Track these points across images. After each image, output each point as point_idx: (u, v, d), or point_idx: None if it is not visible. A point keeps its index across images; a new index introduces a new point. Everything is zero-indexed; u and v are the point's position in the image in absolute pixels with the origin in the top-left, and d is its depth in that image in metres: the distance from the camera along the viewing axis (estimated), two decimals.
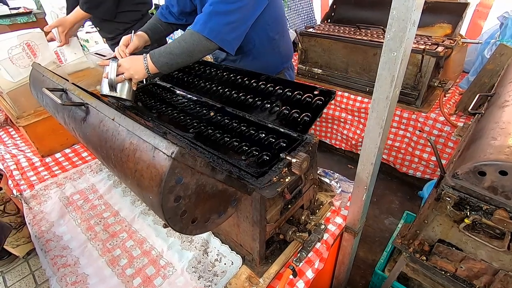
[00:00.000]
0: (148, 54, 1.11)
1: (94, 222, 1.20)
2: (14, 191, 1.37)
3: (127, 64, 1.10)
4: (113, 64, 1.07)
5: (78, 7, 1.81)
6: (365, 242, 2.00)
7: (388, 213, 2.22)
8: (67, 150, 1.63)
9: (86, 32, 3.67)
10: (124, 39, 1.24)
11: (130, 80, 1.13)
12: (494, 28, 2.03)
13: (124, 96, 1.12)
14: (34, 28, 1.69)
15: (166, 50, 1.11)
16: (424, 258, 0.99)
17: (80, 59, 1.94)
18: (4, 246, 1.91)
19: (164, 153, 0.53)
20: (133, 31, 1.28)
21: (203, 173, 0.58)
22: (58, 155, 1.61)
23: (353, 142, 2.42)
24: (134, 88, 1.15)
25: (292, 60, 1.60)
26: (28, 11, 3.77)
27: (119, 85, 1.11)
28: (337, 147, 2.62)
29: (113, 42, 2.11)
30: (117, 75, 1.08)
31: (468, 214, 0.81)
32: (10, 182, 1.43)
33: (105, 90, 1.12)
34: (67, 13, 2.04)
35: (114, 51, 2.18)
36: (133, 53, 1.25)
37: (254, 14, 1.19)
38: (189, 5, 1.38)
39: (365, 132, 0.81)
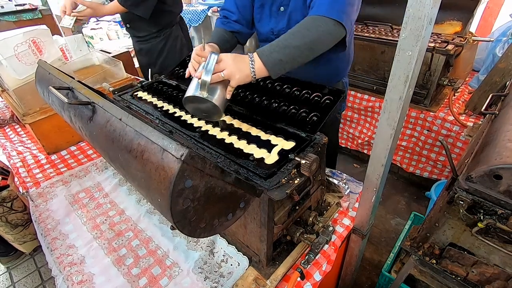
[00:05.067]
0: (254, 52, 0.90)
1: (99, 221, 1.20)
2: (20, 189, 1.38)
3: (229, 60, 0.87)
4: (213, 57, 0.85)
5: (116, 1, 1.75)
6: (371, 243, 1.98)
7: (394, 213, 2.20)
8: (73, 148, 1.63)
9: (91, 29, 3.67)
10: (197, 49, 1.03)
11: (224, 84, 0.90)
12: (506, 25, 1.98)
13: (213, 101, 0.89)
14: (40, 24, 1.69)
15: (279, 44, 0.89)
16: (434, 261, 0.97)
17: (85, 56, 1.94)
18: (11, 243, 1.93)
19: (173, 155, 0.52)
20: (203, 39, 1.10)
21: (212, 176, 0.57)
22: (63, 152, 1.61)
23: (360, 141, 2.40)
24: (228, 97, 0.92)
25: None
26: (33, 7, 3.76)
27: (211, 86, 0.88)
28: (343, 146, 2.60)
29: (141, 41, 2.07)
30: (214, 73, 0.85)
31: (482, 218, 0.79)
32: (16, 179, 1.43)
33: (192, 90, 0.90)
34: None
35: (136, 48, 2.09)
36: None
37: None
38: (249, 9, 1.21)
39: (376, 133, 0.79)
